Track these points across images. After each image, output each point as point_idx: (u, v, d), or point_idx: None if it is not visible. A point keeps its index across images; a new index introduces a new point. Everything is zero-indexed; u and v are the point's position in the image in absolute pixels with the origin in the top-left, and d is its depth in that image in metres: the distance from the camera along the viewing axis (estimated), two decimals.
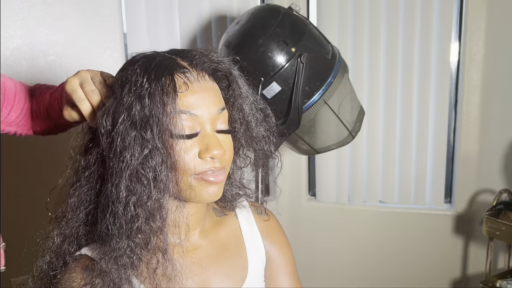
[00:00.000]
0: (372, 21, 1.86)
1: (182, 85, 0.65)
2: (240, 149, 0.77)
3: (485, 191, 1.88)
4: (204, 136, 0.66)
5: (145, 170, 0.62)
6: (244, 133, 0.76)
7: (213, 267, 0.75)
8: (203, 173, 0.66)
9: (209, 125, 0.67)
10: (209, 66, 0.69)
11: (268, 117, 0.80)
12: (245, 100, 0.74)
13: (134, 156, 0.62)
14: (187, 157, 0.65)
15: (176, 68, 0.65)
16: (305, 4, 1.95)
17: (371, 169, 1.99)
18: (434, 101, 1.88)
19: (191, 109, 0.65)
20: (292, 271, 0.85)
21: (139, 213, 0.63)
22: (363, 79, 1.90)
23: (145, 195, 0.63)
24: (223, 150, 0.66)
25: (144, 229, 0.65)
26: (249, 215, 0.84)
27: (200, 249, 0.75)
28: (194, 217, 0.73)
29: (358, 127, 1.42)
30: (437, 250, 1.97)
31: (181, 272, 0.70)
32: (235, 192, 0.82)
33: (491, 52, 1.79)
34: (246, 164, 0.81)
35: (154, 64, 0.65)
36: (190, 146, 0.65)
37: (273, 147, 0.81)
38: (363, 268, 2.09)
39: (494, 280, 1.70)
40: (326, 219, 2.09)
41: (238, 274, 0.77)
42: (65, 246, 0.70)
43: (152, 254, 0.68)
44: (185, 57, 0.69)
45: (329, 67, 1.27)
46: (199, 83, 0.67)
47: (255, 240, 0.82)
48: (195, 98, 0.65)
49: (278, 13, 1.26)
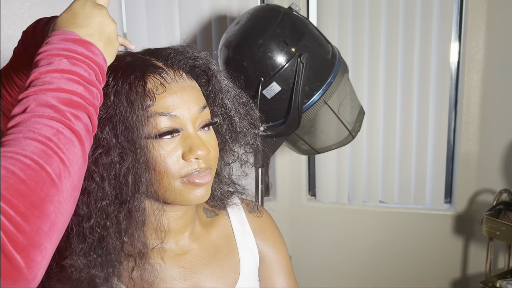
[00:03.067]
0: (372, 21, 1.86)
1: (159, 87, 0.63)
2: (225, 145, 0.75)
3: (485, 191, 1.88)
4: (187, 137, 0.64)
5: (98, 167, 0.60)
6: (228, 128, 0.74)
7: (204, 271, 0.73)
8: (188, 175, 0.64)
9: (190, 125, 0.64)
10: (186, 63, 0.67)
11: (252, 110, 0.77)
12: (226, 95, 0.72)
13: (93, 156, 0.59)
14: (169, 160, 0.62)
15: (150, 69, 0.63)
16: (305, 4, 1.95)
17: (371, 169, 1.99)
18: (434, 101, 1.88)
19: (170, 110, 0.62)
20: (287, 270, 0.82)
21: (92, 212, 0.61)
22: (363, 79, 1.90)
23: (96, 194, 0.60)
24: (207, 150, 0.64)
25: (100, 230, 0.62)
26: (241, 214, 0.81)
27: (191, 253, 0.73)
28: (181, 220, 0.71)
29: (358, 127, 1.42)
30: (437, 250, 1.97)
31: (173, 276, 0.68)
32: (225, 190, 0.79)
33: (491, 52, 1.79)
34: (234, 160, 0.78)
35: (123, 63, 0.63)
36: (172, 148, 0.63)
37: (260, 141, 0.79)
38: (363, 268, 2.08)
39: (494, 280, 1.70)
40: (326, 219, 2.09)
41: (230, 276, 0.75)
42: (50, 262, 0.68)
43: (129, 257, 0.65)
44: (160, 57, 0.66)
45: (329, 67, 1.27)
46: (176, 83, 0.65)
47: (248, 240, 0.79)
48: (174, 98, 0.63)
49: (278, 13, 1.26)
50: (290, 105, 1.24)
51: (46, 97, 0.48)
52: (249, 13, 1.30)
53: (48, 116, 0.47)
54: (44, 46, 0.53)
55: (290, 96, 1.24)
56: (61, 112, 0.48)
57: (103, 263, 0.63)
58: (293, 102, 1.23)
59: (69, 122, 0.48)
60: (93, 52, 0.55)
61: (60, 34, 0.55)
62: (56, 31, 0.56)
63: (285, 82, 1.23)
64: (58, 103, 0.48)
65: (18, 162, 0.43)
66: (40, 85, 0.49)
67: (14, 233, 0.41)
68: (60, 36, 0.54)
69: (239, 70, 1.18)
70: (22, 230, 0.42)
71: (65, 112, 0.48)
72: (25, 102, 0.48)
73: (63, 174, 0.46)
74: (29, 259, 0.42)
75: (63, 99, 0.49)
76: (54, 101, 0.48)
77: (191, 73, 0.69)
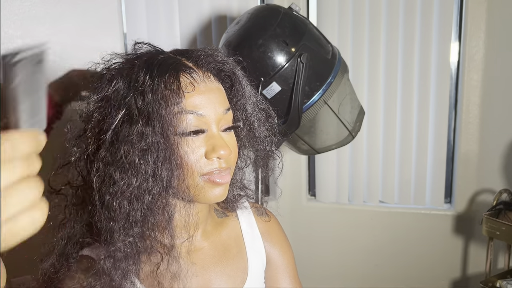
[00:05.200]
0: (372, 21, 1.86)
1: (188, 85, 0.65)
2: (241, 150, 0.77)
3: (485, 191, 1.88)
4: (210, 136, 0.66)
5: (142, 163, 0.61)
6: (247, 133, 0.76)
7: (214, 269, 0.75)
8: (209, 174, 0.66)
9: (215, 125, 0.66)
10: (214, 66, 0.69)
11: (271, 117, 0.80)
12: (248, 101, 0.75)
13: (130, 150, 0.61)
14: (193, 157, 0.64)
15: (182, 68, 0.65)
16: (305, 4, 1.95)
17: (371, 169, 1.99)
18: (434, 101, 1.88)
19: (197, 109, 0.65)
20: (292, 272, 0.85)
21: (136, 207, 0.62)
22: (363, 79, 1.90)
23: (142, 189, 0.62)
24: (229, 150, 0.66)
25: (142, 224, 0.64)
26: (250, 217, 0.84)
27: (202, 250, 0.75)
28: (196, 217, 0.73)
29: (358, 127, 1.42)
30: (437, 250, 1.97)
31: (185, 271, 0.70)
32: (237, 193, 0.82)
33: (491, 52, 1.79)
34: (247, 165, 0.81)
35: (157, 61, 0.65)
36: (196, 146, 0.65)
37: (275, 147, 0.81)
38: (363, 268, 2.08)
39: (494, 280, 1.70)
40: (326, 219, 2.09)
41: (239, 275, 0.77)
42: (69, 247, 0.70)
43: (156, 252, 0.67)
44: (190, 57, 0.69)
45: (329, 67, 1.27)
46: (205, 84, 0.67)
47: (256, 242, 0.82)
48: (202, 98, 0.65)
49: (278, 13, 1.26)
50: (290, 105, 1.24)
51: None
52: (249, 13, 1.30)
53: None
54: None
55: (290, 96, 1.24)
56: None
57: (128, 256, 0.64)
58: (293, 102, 1.23)
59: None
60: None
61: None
62: None
63: (285, 82, 1.23)
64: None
65: None
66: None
67: None
68: None
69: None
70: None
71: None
72: None
73: None
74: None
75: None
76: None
77: (217, 76, 0.71)
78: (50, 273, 0.69)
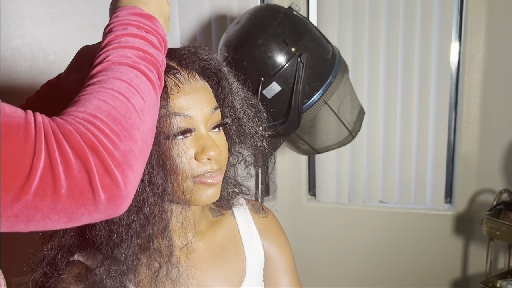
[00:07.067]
0: (372, 21, 1.86)
1: (173, 87, 0.63)
2: (232, 146, 0.76)
3: (485, 191, 1.88)
4: (199, 137, 0.65)
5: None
6: (237, 130, 0.75)
7: (210, 270, 0.73)
8: (200, 176, 0.64)
9: (203, 126, 0.65)
10: (199, 65, 0.68)
11: (260, 112, 0.78)
12: (235, 97, 0.73)
13: None
14: (183, 159, 0.63)
15: (166, 69, 0.63)
16: (305, 4, 1.95)
17: (371, 169, 1.99)
18: (434, 101, 1.88)
19: (184, 111, 0.63)
20: (291, 270, 0.83)
21: (135, 218, 0.61)
22: (363, 79, 1.90)
23: (141, 200, 0.61)
24: (219, 151, 0.64)
25: (142, 235, 0.63)
26: (246, 214, 0.82)
27: (196, 252, 0.73)
28: (188, 219, 0.71)
29: (358, 127, 1.42)
30: (437, 250, 1.97)
31: (185, 276, 0.69)
32: (231, 190, 0.80)
33: (491, 52, 1.79)
34: (239, 161, 0.79)
35: None
36: (186, 148, 0.63)
37: (266, 143, 0.79)
38: (363, 268, 2.08)
39: (494, 280, 1.70)
40: (326, 219, 2.09)
41: (236, 275, 0.75)
42: (59, 257, 0.68)
43: (153, 259, 0.66)
44: (173, 57, 0.67)
45: (329, 67, 1.27)
46: (190, 84, 0.65)
47: (254, 240, 0.80)
48: (188, 99, 0.64)
49: (278, 13, 1.26)
50: (290, 105, 1.24)
51: (125, 51, 0.53)
52: (249, 13, 1.30)
53: (127, 64, 0.52)
54: (113, 18, 0.58)
55: (290, 96, 1.23)
56: (138, 63, 0.53)
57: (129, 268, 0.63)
58: (293, 102, 1.23)
59: (145, 71, 0.53)
60: (158, 26, 0.59)
61: (127, 9, 0.59)
62: (123, 7, 0.59)
63: (285, 82, 1.23)
64: (135, 57, 0.53)
65: (108, 94, 0.48)
66: (117, 43, 0.54)
67: (111, 150, 0.45)
68: (127, 10, 0.58)
69: (239, 70, 1.18)
70: (118, 148, 0.45)
71: (141, 64, 0.53)
72: (105, 55, 0.53)
73: (144, 110, 0.50)
74: (124, 175, 0.46)
75: (139, 55, 0.54)
76: (131, 55, 0.53)
77: (203, 74, 0.69)
78: (41, 282, 0.68)
